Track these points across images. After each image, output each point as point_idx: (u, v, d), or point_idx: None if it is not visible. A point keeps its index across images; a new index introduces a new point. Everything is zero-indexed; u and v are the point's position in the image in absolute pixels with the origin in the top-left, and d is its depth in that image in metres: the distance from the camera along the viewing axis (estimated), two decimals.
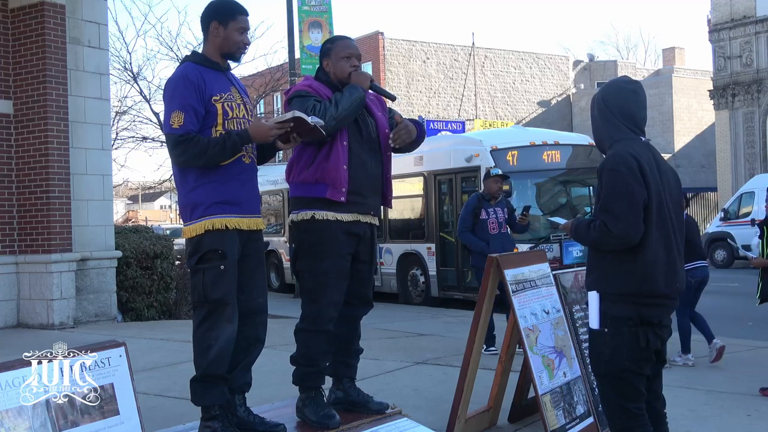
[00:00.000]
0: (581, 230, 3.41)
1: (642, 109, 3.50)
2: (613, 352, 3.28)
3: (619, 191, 3.22)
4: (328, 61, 4.22)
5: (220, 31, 3.82)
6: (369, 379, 6.39)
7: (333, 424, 4.03)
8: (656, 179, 3.30)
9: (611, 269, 3.30)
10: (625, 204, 3.20)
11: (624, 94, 3.47)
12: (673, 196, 3.42)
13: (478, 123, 33.72)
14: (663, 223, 3.28)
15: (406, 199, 15.26)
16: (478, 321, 4.58)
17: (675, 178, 3.52)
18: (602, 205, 3.28)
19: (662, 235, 3.29)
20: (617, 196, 3.22)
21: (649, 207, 3.24)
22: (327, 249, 4.07)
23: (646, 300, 3.26)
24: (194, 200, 3.73)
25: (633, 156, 3.26)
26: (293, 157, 4.19)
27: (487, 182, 8.54)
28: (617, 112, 3.43)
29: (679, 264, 3.38)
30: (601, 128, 3.50)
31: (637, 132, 3.44)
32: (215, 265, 3.69)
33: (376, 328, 10.01)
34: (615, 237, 3.21)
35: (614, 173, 3.24)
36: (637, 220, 3.20)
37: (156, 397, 5.68)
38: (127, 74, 21.09)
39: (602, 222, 3.24)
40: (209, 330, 3.70)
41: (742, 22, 31.00)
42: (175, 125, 3.66)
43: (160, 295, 11.40)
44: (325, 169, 4.03)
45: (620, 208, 3.20)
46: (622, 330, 3.25)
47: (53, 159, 9.75)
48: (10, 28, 9.98)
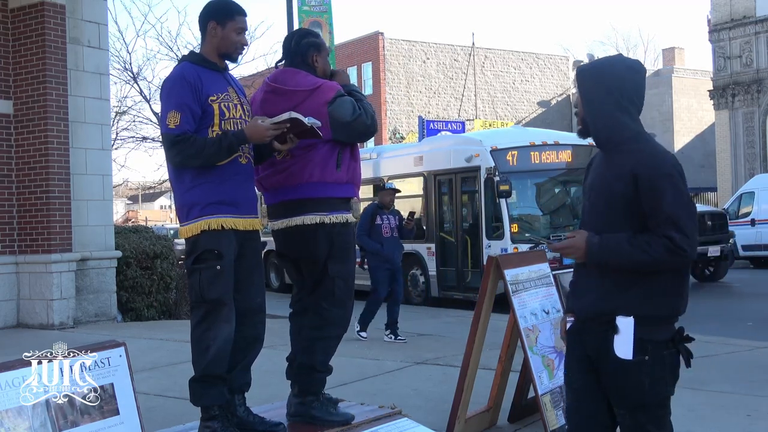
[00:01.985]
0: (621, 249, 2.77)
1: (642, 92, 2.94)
2: (655, 381, 2.81)
3: (686, 202, 2.73)
4: (318, 56, 4.16)
5: (217, 31, 3.81)
6: (369, 379, 6.39)
7: (350, 418, 4.12)
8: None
9: (659, 289, 2.79)
10: (693, 218, 2.74)
11: (637, 79, 2.87)
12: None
13: (478, 123, 33.74)
14: None
15: (406, 199, 15.27)
16: (478, 321, 4.58)
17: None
18: (669, 218, 2.71)
19: None
20: (686, 208, 2.72)
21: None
22: (354, 252, 4.13)
23: (676, 317, 2.88)
24: (191, 200, 3.73)
25: (674, 157, 2.81)
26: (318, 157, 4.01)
27: (381, 194, 10.01)
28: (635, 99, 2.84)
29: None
30: (611, 114, 2.83)
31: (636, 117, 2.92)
32: (212, 265, 3.68)
33: (376, 328, 10.00)
34: (688, 257, 2.72)
35: (674, 179, 2.72)
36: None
37: (156, 397, 5.68)
38: (127, 74, 21.15)
39: (669, 239, 2.68)
40: (207, 330, 3.70)
41: (742, 22, 31.01)
42: (171, 125, 3.66)
43: (160, 295, 11.40)
44: (355, 169, 4.12)
45: (691, 223, 2.71)
46: (663, 354, 2.81)
47: (53, 159, 9.75)
48: (10, 28, 9.98)
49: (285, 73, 4.13)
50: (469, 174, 13.44)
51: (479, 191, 13.08)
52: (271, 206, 4.16)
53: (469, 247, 13.38)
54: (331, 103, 3.97)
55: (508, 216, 12.42)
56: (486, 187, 12.80)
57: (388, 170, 15.54)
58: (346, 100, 4.02)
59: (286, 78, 4.10)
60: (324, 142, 3.96)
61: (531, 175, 13.30)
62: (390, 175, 15.45)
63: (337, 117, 3.96)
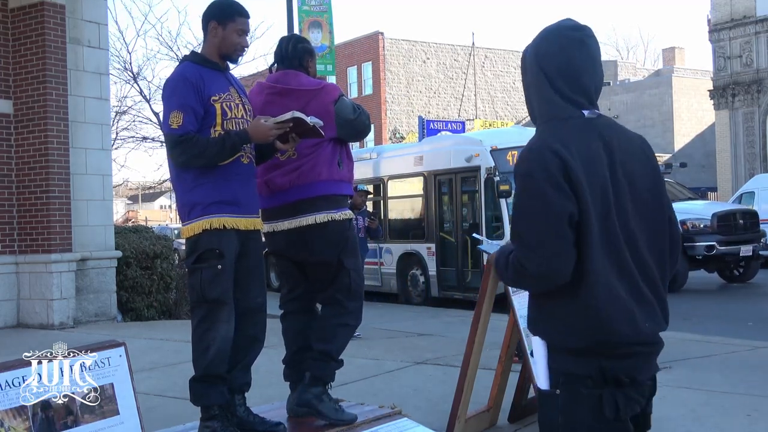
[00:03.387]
0: (500, 266, 2.37)
1: (593, 67, 2.37)
2: (571, 422, 2.29)
3: (531, 208, 2.22)
4: (311, 61, 4.32)
5: (218, 31, 3.82)
6: (369, 379, 6.39)
7: (355, 417, 4.16)
8: (601, 176, 2.26)
9: (555, 311, 2.30)
10: (541, 226, 2.20)
11: (566, 45, 2.33)
12: (640, 191, 2.35)
13: (478, 123, 33.73)
14: (613, 238, 2.26)
15: (406, 199, 15.27)
16: (478, 321, 4.58)
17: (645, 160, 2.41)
18: (512, 228, 2.33)
19: (613, 257, 2.26)
20: (529, 216, 2.23)
21: (585, 222, 2.21)
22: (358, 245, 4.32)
23: (611, 350, 2.26)
24: (192, 200, 3.73)
25: (552, 150, 2.22)
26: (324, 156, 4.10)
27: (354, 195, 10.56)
28: (555, 75, 2.33)
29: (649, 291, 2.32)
30: (533, 101, 2.42)
31: (583, 103, 2.35)
32: (213, 265, 3.69)
33: (376, 328, 10.01)
34: (531, 276, 2.23)
35: (525, 180, 2.24)
36: (559, 248, 2.19)
37: (156, 397, 5.68)
38: (127, 74, 21.15)
39: (515, 255, 2.27)
40: (207, 330, 3.71)
41: (742, 22, 31.02)
42: (174, 125, 3.66)
43: (160, 295, 11.40)
44: (351, 168, 4.26)
45: (534, 234, 2.21)
46: (579, 392, 2.26)
47: (53, 159, 9.75)
48: (10, 28, 9.97)
49: (287, 75, 4.21)
50: (469, 174, 13.44)
51: (479, 191, 13.08)
52: (276, 208, 4.14)
53: (469, 247, 13.38)
54: (337, 102, 4.09)
55: (508, 216, 12.41)
56: (486, 187, 12.81)
57: (388, 170, 15.55)
58: (346, 100, 4.20)
59: (289, 79, 4.18)
60: (328, 141, 4.06)
61: None
62: (390, 174, 15.45)
63: (343, 115, 4.10)
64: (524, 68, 2.46)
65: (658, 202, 2.38)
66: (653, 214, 2.37)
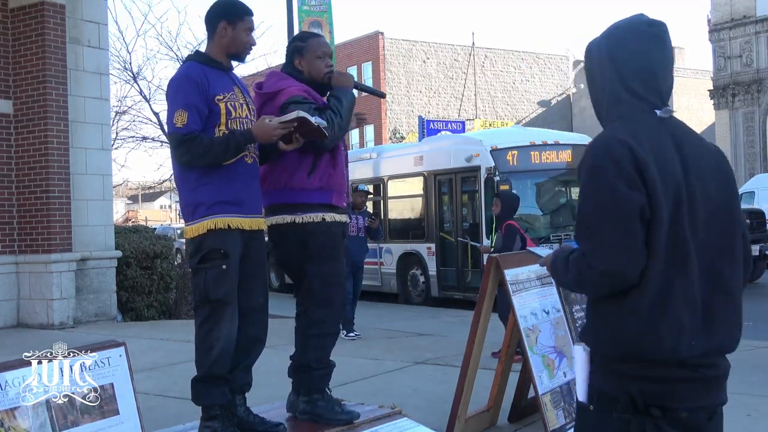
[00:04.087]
0: (559, 267, 2.21)
1: (667, 65, 2.23)
2: None
3: (600, 202, 2.06)
4: (301, 60, 4.19)
5: (228, 31, 3.82)
6: (369, 379, 6.39)
7: (355, 416, 4.12)
8: (673, 174, 2.08)
9: (600, 319, 2.14)
10: (611, 221, 2.04)
11: (643, 41, 2.19)
12: (711, 201, 2.14)
13: (478, 123, 33.73)
14: (680, 242, 2.06)
15: (406, 199, 15.27)
16: (478, 321, 4.58)
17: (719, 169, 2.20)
18: (579, 224, 2.15)
19: (677, 263, 2.06)
20: (599, 210, 2.06)
21: (655, 221, 2.04)
22: (338, 251, 4.10)
23: (644, 371, 2.04)
24: (196, 200, 3.73)
25: (623, 142, 2.07)
26: (288, 163, 4.06)
27: (354, 195, 10.28)
28: (629, 72, 2.18)
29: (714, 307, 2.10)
30: (600, 97, 2.27)
31: (656, 103, 2.19)
32: (217, 265, 3.69)
33: (376, 328, 10.01)
34: (598, 274, 2.05)
35: (593, 173, 2.10)
36: (630, 244, 2.03)
37: (156, 397, 5.68)
38: (127, 74, 21.09)
39: (580, 252, 2.11)
40: (211, 330, 3.70)
41: (742, 22, 31.02)
42: (178, 124, 3.66)
43: (160, 295, 11.41)
44: (332, 176, 4.06)
45: (603, 229, 2.05)
46: (610, 414, 2.08)
47: (53, 159, 9.75)
48: (10, 28, 9.97)
49: (268, 76, 4.24)
50: (469, 174, 13.44)
51: (479, 191, 13.08)
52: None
53: (469, 247, 13.38)
54: (282, 109, 3.95)
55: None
56: (486, 187, 12.81)
57: (388, 170, 15.55)
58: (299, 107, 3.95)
59: (265, 81, 4.21)
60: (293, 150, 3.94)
61: (531, 175, 13.30)
62: (390, 174, 15.45)
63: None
64: (590, 63, 2.30)
65: (730, 215, 2.17)
66: (725, 226, 2.16)
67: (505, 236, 8.05)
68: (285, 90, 4.06)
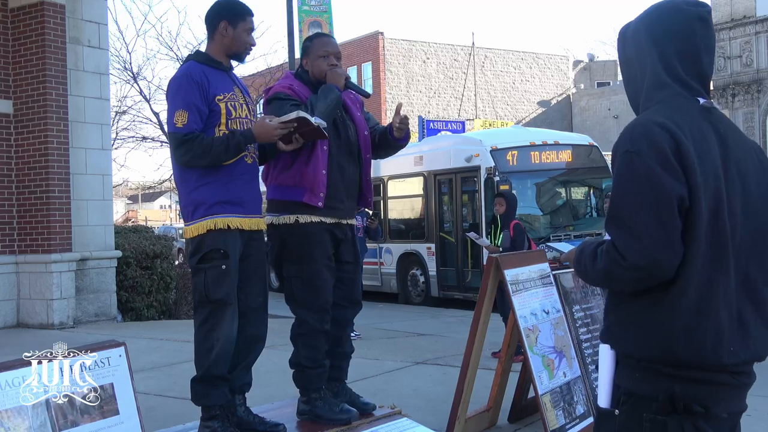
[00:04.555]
0: (585, 259, 2.07)
1: (711, 49, 2.10)
2: None
3: (637, 189, 1.91)
4: (307, 60, 4.21)
5: (228, 31, 3.82)
6: (369, 379, 6.39)
7: (354, 416, 4.09)
8: (714, 167, 1.95)
9: (632, 317, 1.99)
10: (647, 210, 1.89)
11: (688, 20, 2.04)
12: (752, 196, 2.02)
13: (478, 123, 33.72)
14: (720, 240, 1.94)
15: (406, 199, 15.28)
16: (478, 321, 4.58)
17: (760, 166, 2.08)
18: (611, 212, 1.99)
19: (717, 262, 1.93)
20: (634, 198, 1.91)
21: (694, 212, 1.90)
22: (315, 252, 4.05)
23: (687, 372, 1.93)
24: (196, 200, 3.73)
25: (663, 126, 1.92)
26: (271, 160, 4.13)
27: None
28: (672, 53, 2.02)
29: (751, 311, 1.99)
30: (638, 84, 2.11)
31: (696, 88, 2.05)
32: (217, 265, 3.69)
33: (376, 328, 10.02)
34: (631, 267, 1.90)
35: (629, 158, 1.93)
36: (668, 236, 1.88)
37: (156, 397, 5.68)
38: (127, 74, 21.11)
39: (611, 243, 1.96)
40: (211, 331, 3.70)
41: (742, 22, 31.04)
42: (178, 124, 3.66)
43: (160, 295, 11.41)
44: (304, 174, 4.00)
45: (639, 218, 1.90)
46: (641, 417, 1.96)
47: (53, 159, 9.75)
48: (10, 28, 9.97)
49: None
50: (469, 174, 13.45)
51: (479, 191, 13.09)
52: None
53: (469, 246, 13.39)
54: (266, 106, 4.09)
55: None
56: (486, 187, 12.82)
57: (387, 170, 15.56)
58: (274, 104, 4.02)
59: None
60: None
61: (531, 175, 13.31)
62: (390, 174, 15.45)
63: None
64: (625, 49, 2.15)
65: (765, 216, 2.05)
66: (761, 231, 2.03)
67: (514, 235, 8.17)
68: (273, 88, 4.19)
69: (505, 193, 9.45)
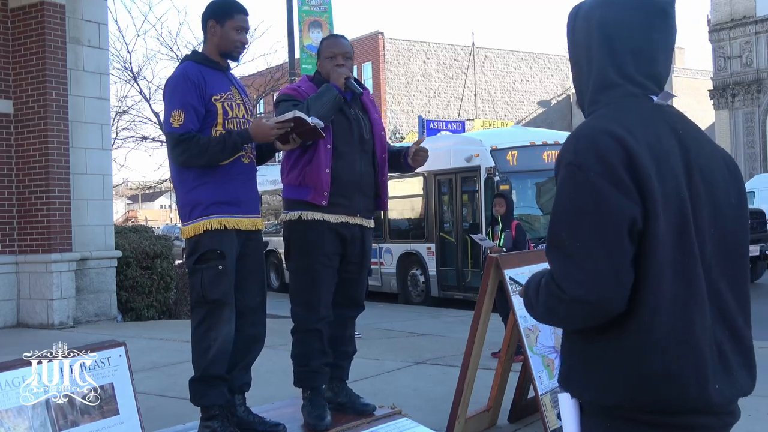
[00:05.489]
0: (531, 293, 1.79)
1: (670, 48, 1.82)
2: None
3: (578, 209, 1.65)
4: (319, 62, 4.27)
5: (216, 29, 3.83)
6: (369, 379, 6.39)
7: (321, 426, 3.99)
8: (674, 177, 1.68)
9: (595, 358, 1.71)
10: (590, 234, 1.63)
11: (646, 13, 1.77)
12: (721, 205, 1.75)
13: (478, 123, 33.74)
14: (689, 263, 1.66)
15: (406, 199, 15.27)
16: (478, 321, 4.58)
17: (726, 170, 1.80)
18: (549, 236, 1.74)
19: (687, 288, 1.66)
20: (576, 219, 1.65)
21: (651, 234, 1.62)
22: (314, 248, 4.06)
23: (667, 418, 1.65)
24: (193, 200, 3.73)
25: (612, 134, 1.65)
26: (284, 159, 4.23)
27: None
28: (624, 49, 1.76)
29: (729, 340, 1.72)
30: (583, 79, 1.85)
31: (650, 88, 1.78)
32: (214, 265, 3.69)
33: (376, 328, 10.01)
34: (572, 301, 1.64)
35: (572, 172, 1.67)
36: (613, 265, 1.61)
37: (156, 397, 5.68)
38: (127, 74, 21.09)
39: (550, 274, 1.71)
40: (208, 331, 3.70)
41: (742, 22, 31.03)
42: (175, 124, 3.66)
43: (160, 294, 11.41)
44: (308, 173, 4.02)
45: (579, 244, 1.64)
46: None
47: (53, 159, 9.74)
48: (10, 28, 9.97)
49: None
50: (469, 174, 13.44)
51: (479, 191, 13.08)
52: None
53: (469, 246, 13.39)
54: (275, 108, 4.13)
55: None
56: (486, 186, 12.82)
57: None
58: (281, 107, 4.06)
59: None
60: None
61: (531, 175, 13.30)
62: (389, 174, 15.44)
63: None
64: (574, 33, 1.87)
65: (741, 224, 1.79)
66: (735, 237, 1.76)
67: (517, 235, 8.25)
68: (283, 89, 4.29)
69: (504, 194, 9.46)
